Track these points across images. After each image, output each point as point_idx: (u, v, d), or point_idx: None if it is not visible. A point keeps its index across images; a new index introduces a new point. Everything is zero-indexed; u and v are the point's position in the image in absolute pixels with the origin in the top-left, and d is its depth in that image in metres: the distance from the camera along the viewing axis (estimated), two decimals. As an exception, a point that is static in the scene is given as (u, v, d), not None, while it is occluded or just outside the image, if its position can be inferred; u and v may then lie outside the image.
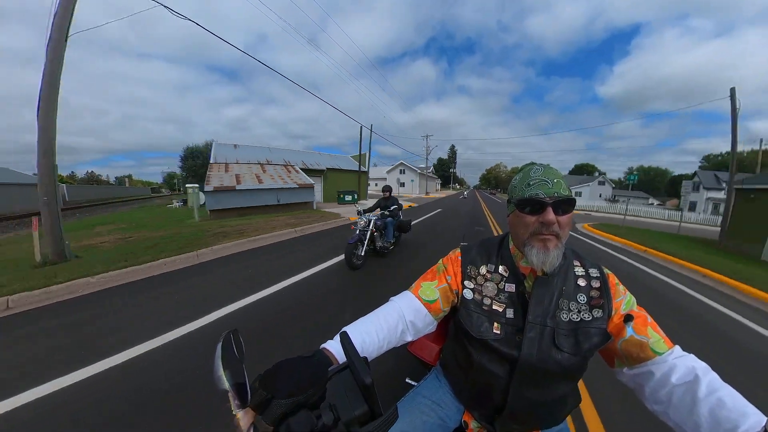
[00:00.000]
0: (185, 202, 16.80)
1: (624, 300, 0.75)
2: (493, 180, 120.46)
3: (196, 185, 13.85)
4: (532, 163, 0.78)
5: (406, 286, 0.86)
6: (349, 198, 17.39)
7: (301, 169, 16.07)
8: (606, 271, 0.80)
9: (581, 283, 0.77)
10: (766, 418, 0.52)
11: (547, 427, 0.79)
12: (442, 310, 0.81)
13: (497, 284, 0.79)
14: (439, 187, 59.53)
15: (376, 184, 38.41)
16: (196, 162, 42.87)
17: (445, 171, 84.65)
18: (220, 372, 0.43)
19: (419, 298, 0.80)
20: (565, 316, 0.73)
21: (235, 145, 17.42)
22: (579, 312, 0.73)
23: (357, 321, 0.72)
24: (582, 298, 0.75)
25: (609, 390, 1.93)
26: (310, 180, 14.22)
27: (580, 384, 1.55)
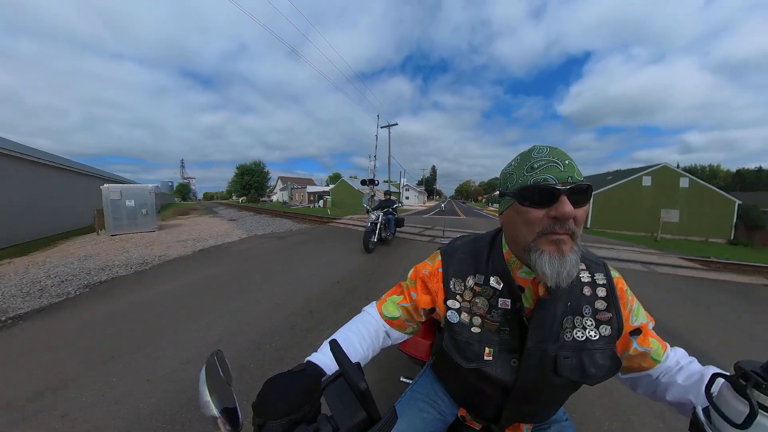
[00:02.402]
0: (321, 205, 34.09)
1: (632, 311, 0.65)
2: (465, 192, 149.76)
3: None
4: (533, 145, 0.60)
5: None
6: (398, 204, 36.30)
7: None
8: (613, 274, 0.67)
9: (586, 292, 0.64)
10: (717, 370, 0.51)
11: (544, 420, 0.77)
12: (407, 325, 0.75)
13: (488, 299, 0.65)
14: (426, 199, 79.36)
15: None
16: (252, 178, 58.46)
17: (428, 186, 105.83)
18: (207, 398, 0.40)
19: (381, 314, 0.75)
20: (569, 335, 0.61)
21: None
22: (585, 329, 0.62)
23: (339, 331, 0.69)
24: (587, 310, 0.63)
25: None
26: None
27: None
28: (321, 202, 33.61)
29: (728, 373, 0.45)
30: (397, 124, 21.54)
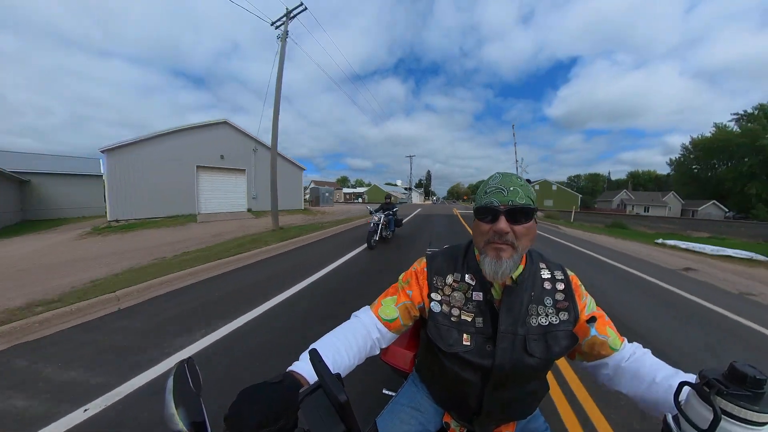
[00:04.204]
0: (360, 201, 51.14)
1: (587, 302, 0.79)
2: (456, 193, 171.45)
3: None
4: (495, 172, 0.76)
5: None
6: (402, 202, 53.70)
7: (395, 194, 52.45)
8: (569, 272, 0.81)
9: (547, 286, 0.78)
10: (677, 372, 0.65)
11: (523, 418, 0.83)
12: (402, 326, 0.81)
13: (464, 293, 0.78)
14: (424, 198, 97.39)
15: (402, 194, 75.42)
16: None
17: (425, 188, 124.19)
18: (172, 410, 0.37)
19: (378, 317, 0.79)
20: (534, 321, 0.74)
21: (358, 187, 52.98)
22: (547, 316, 0.74)
23: (323, 338, 0.70)
24: (549, 301, 0.76)
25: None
26: (404, 197, 50.65)
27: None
28: (360, 199, 50.84)
29: (694, 382, 0.47)
30: (415, 156, 39.04)
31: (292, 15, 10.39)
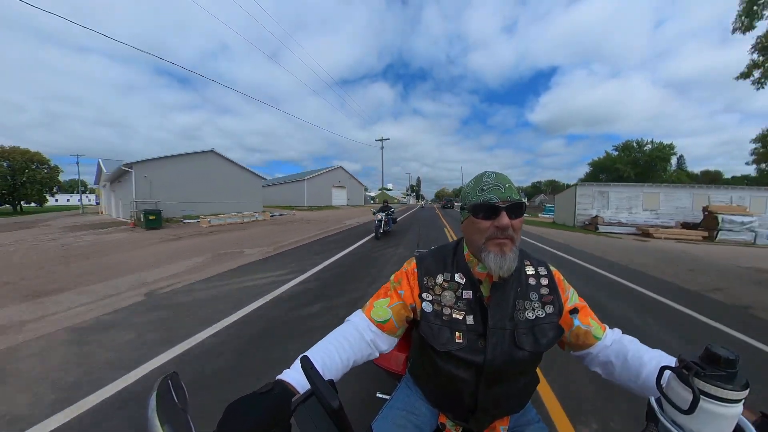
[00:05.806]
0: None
1: (570, 294, 0.83)
2: (441, 197, 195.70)
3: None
4: (484, 171, 0.79)
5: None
6: (406, 203, 75.54)
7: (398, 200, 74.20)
8: (552, 268, 0.85)
9: (532, 282, 0.81)
10: (656, 353, 0.69)
11: (516, 412, 0.85)
12: (396, 328, 0.81)
13: (455, 292, 0.80)
14: (416, 201, 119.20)
15: (403, 196, 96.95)
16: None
17: (415, 192, 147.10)
18: (158, 429, 0.36)
19: (371, 320, 0.79)
20: (521, 315, 0.76)
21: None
22: (533, 310, 0.78)
23: (315, 345, 0.70)
24: (534, 296, 0.79)
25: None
26: (405, 200, 72.70)
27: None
28: (372, 202, 71.92)
29: (674, 366, 0.49)
30: (411, 172, 60.49)
31: (384, 138, 34.67)
